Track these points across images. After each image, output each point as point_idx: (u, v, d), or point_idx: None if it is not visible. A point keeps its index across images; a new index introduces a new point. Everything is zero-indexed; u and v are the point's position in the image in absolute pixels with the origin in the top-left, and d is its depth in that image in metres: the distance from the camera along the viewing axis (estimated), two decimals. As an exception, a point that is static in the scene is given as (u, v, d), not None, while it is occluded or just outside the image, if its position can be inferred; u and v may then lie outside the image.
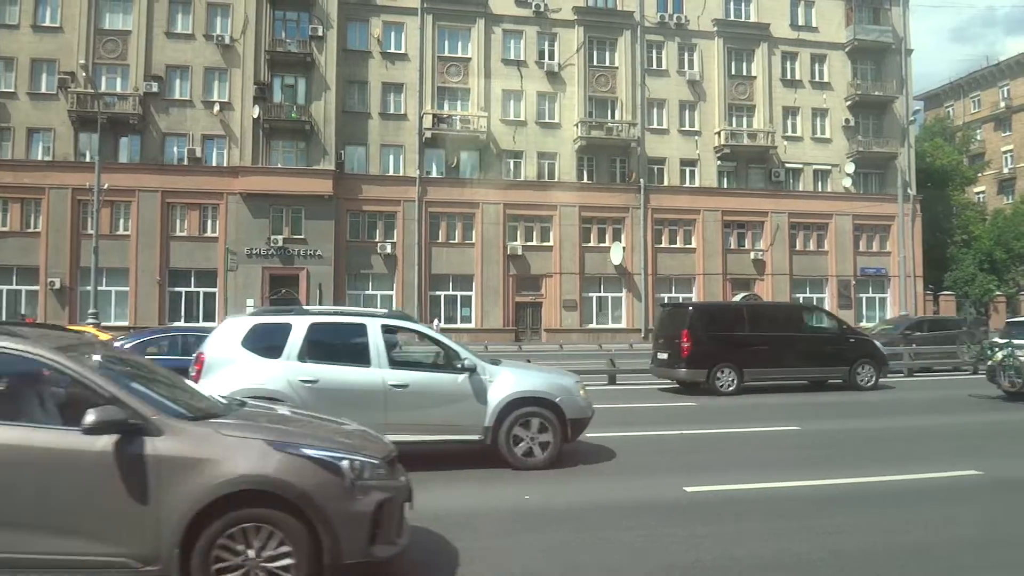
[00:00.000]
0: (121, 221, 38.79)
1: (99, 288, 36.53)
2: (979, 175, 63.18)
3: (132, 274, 38.31)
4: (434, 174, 41.64)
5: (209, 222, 39.42)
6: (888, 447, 10.42)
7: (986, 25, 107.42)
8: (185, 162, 39.18)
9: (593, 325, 42.65)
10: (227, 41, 39.42)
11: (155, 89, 38.70)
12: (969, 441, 10.78)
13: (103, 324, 30.67)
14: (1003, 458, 9.40)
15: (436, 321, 40.22)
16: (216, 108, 39.13)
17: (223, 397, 5.67)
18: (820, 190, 45.82)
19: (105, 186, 34.12)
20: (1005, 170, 66.49)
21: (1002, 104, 66.56)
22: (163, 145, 39.29)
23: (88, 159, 38.17)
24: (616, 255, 42.52)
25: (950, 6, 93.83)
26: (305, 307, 16.44)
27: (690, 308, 19.61)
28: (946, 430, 11.78)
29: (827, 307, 44.52)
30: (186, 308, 38.90)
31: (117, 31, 39.10)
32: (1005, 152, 66.87)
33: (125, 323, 36.75)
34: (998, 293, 48.07)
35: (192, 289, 38.89)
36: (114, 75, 39.15)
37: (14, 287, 38.07)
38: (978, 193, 67.95)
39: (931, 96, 73.61)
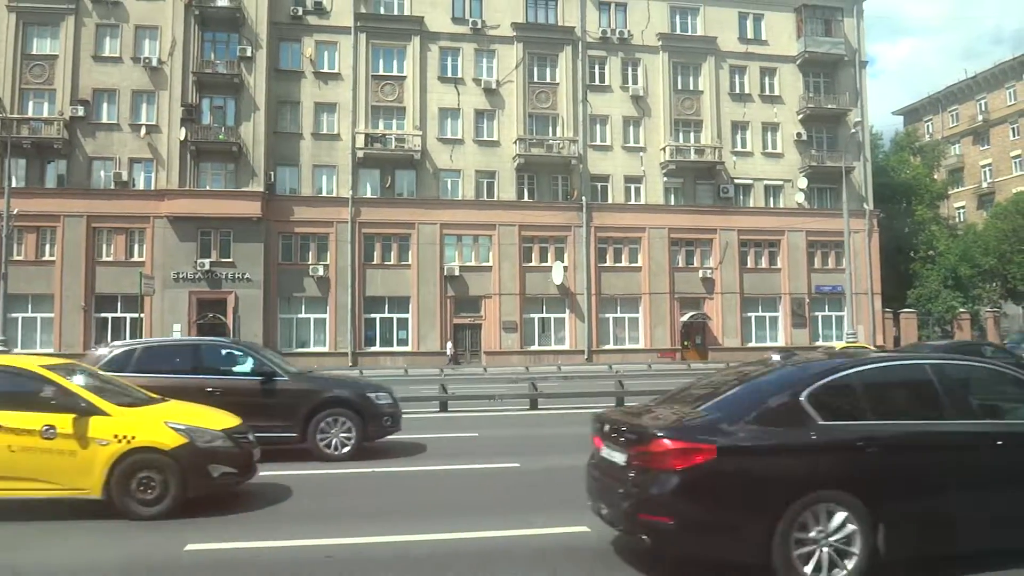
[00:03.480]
0: (47, 247, 38.18)
1: (15, 315, 36.24)
2: (949, 190, 61.72)
3: (57, 300, 37.62)
4: (369, 194, 40.80)
5: (136, 246, 38.74)
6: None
7: (994, 42, 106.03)
8: (112, 186, 38.54)
9: (535, 347, 41.48)
10: (155, 63, 38.91)
11: (81, 113, 38.16)
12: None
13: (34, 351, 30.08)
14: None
15: (449, 344, 40.01)
16: (143, 131, 38.57)
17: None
18: (772, 206, 44.59)
19: (15, 211, 33.60)
20: (984, 185, 64.92)
21: (980, 118, 65.17)
22: (90, 169, 38.71)
23: (14, 185, 37.87)
24: (558, 275, 41.41)
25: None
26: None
27: None
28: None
29: (780, 326, 43.43)
30: (112, 334, 37.96)
31: (44, 55, 38.69)
32: (984, 166, 65.36)
33: (50, 350, 35.95)
34: (962, 310, 46.41)
35: (119, 315, 38.08)
36: (41, 100, 38.69)
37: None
38: (958, 208, 66.51)
39: (909, 111, 72.32)
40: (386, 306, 40.64)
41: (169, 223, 38.17)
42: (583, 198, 42.10)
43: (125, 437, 7.23)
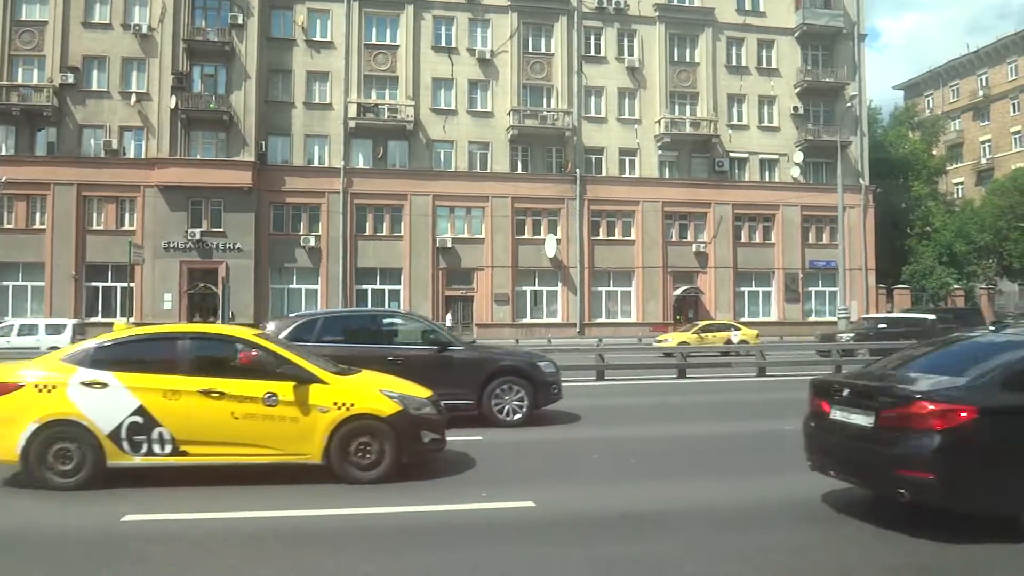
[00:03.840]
0: (37, 215, 38.02)
1: (5, 283, 36.32)
2: (948, 166, 61.31)
3: (48, 269, 37.50)
4: (361, 165, 40.55)
5: (127, 215, 38.60)
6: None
7: (1000, 16, 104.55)
8: (102, 154, 38.30)
9: (527, 320, 41.41)
10: (145, 31, 38.52)
11: (71, 80, 37.87)
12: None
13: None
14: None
15: (448, 316, 39.82)
16: (133, 99, 38.25)
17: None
18: (767, 180, 44.31)
19: (3, 179, 33.47)
20: (983, 161, 64.51)
21: (980, 93, 64.66)
22: (80, 137, 38.44)
23: (4, 152, 37.69)
24: (550, 247, 41.25)
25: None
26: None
27: None
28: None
29: (773, 301, 43.34)
30: (103, 303, 38.08)
31: (33, 22, 38.27)
32: (983, 142, 64.93)
33: (41, 319, 35.87)
34: (956, 287, 46.26)
35: (109, 284, 37.97)
36: (30, 67, 38.29)
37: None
38: (957, 184, 66.13)
39: (910, 85, 71.72)
40: (378, 277, 40.54)
41: (160, 192, 37.97)
42: (577, 170, 41.84)
43: (344, 404, 7.48)
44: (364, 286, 40.30)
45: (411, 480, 7.49)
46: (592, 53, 42.90)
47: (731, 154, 43.69)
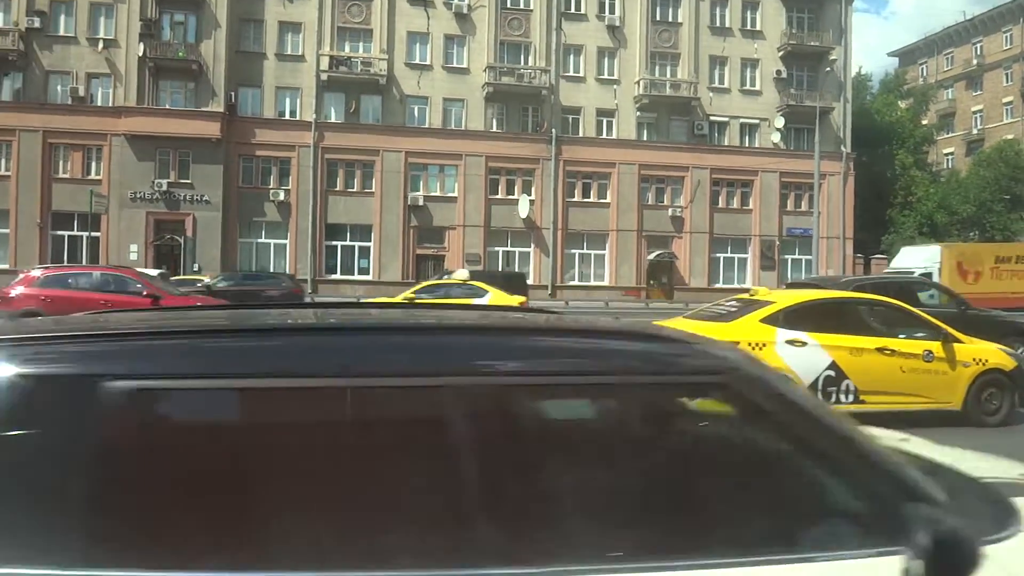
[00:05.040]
0: (1, 162, 37.55)
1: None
2: (939, 135, 60.60)
3: (12, 216, 37.07)
4: (333, 119, 39.95)
5: (93, 164, 38.08)
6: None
7: None
8: (69, 101, 37.68)
9: (499, 280, 41.00)
10: (114, -26, 37.67)
11: (38, 25, 37.12)
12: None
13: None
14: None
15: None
16: (100, 45, 37.56)
17: None
18: (747, 145, 43.71)
19: (-37, 123, 32.96)
20: (974, 131, 63.74)
21: (974, 62, 63.64)
22: (46, 83, 37.82)
23: (-33, 96, 37.12)
24: (523, 208, 40.80)
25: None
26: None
27: None
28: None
29: (748, 268, 43.10)
30: (69, 252, 37.70)
31: (-1, -37, 37.47)
32: (975, 112, 64.07)
33: (5, 266, 35.68)
34: (935, 258, 45.78)
35: (75, 233, 37.58)
36: (-4, 9, 37.59)
37: None
38: (947, 154, 65.44)
39: (905, 53, 70.72)
40: (348, 234, 40.15)
41: (127, 141, 37.40)
42: (553, 130, 41.21)
43: (980, 360, 8.96)
44: (334, 242, 39.94)
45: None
46: (572, 10, 42.02)
47: (711, 117, 43.05)
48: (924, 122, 58.27)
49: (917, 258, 28.20)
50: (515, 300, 19.63)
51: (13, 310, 14.53)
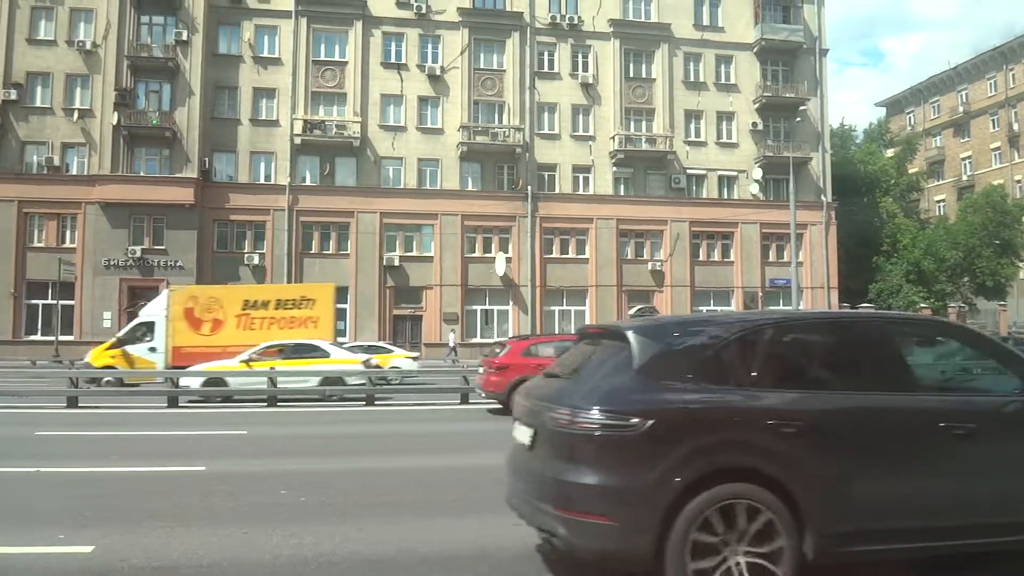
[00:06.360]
0: (-23, 232, 37.66)
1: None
2: (929, 183, 60.41)
3: (-13, 286, 37.09)
4: (307, 182, 40.04)
5: (68, 232, 38.20)
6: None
7: (1005, 38, 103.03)
8: (44, 171, 37.96)
9: (477, 339, 40.52)
10: (89, 47, 38.20)
11: (15, 97, 37.58)
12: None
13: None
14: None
15: (452, 335, 39.59)
16: (76, 115, 37.95)
17: None
18: (725, 197, 43.48)
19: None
20: (964, 177, 63.46)
21: (960, 109, 63.71)
22: (22, 153, 38.10)
23: (-55, 169, 37.42)
24: (500, 266, 40.53)
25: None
26: None
27: None
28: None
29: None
30: (43, 321, 37.56)
31: (-24, 38, 38.12)
32: (964, 159, 63.91)
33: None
34: (923, 305, 45.16)
35: (49, 301, 37.46)
36: (-26, 83, 38.12)
37: None
38: (939, 202, 65.13)
39: (892, 103, 70.91)
40: (324, 296, 39.83)
41: (101, 209, 37.55)
42: (528, 187, 41.16)
43: None
44: (310, 304, 39.58)
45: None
46: (545, 69, 42.34)
47: (688, 171, 42.94)
48: (913, 170, 58.14)
49: (156, 307, 24.83)
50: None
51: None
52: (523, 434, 4.91)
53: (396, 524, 6.68)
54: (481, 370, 17.06)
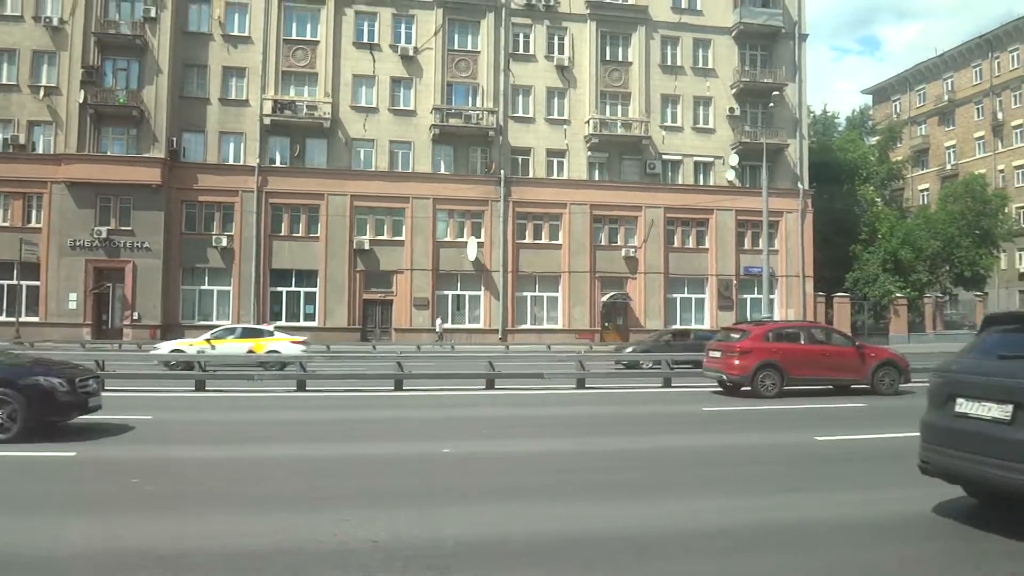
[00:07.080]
0: (-59, 211, 37.21)
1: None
2: (913, 171, 60.05)
3: (-50, 266, 36.66)
4: (277, 163, 39.57)
5: (33, 212, 37.71)
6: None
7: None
8: (9, 149, 37.43)
9: (449, 325, 40.26)
10: (56, 23, 37.60)
11: (-21, 73, 37.07)
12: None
13: None
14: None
15: (439, 320, 39.56)
16: (42, 93, 37.39)
17: None
18: (701, 183, 43.09)
19: None
20: (948, 166, 63.13)
21: (946, 98, 63.26)
22: (-13, 131, 37.61)
23: (-91, 146, 36.89)
24: (471, 251, 40.16)
25: None
26: None
27: None
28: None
29: (706, 308, 42.32)
30: (8, 301, 37.15)
31: (-59, 13, 37.51)
32: (948, 148, 63.54)
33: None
34: (899, 295, 44.90)
35: (14, 282, 36.99)
36: (-62, 59, 37.54)
37: None
38: (922, 190, 64.82)
39: (878, 90, 70.44)
40: (293, 279, 39.58)
41: (67, 188, 37.07)
42: (502, 171, 40.74)
43: None
44: (279, 288, 39.34)
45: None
46: (520, 51, 41.84)
47: (664, 156, 42.53)
48: (897, 158, 57.76)
49: None
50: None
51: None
52: (990, 410, 5.68)
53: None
54: (712, 354, 17.77)
